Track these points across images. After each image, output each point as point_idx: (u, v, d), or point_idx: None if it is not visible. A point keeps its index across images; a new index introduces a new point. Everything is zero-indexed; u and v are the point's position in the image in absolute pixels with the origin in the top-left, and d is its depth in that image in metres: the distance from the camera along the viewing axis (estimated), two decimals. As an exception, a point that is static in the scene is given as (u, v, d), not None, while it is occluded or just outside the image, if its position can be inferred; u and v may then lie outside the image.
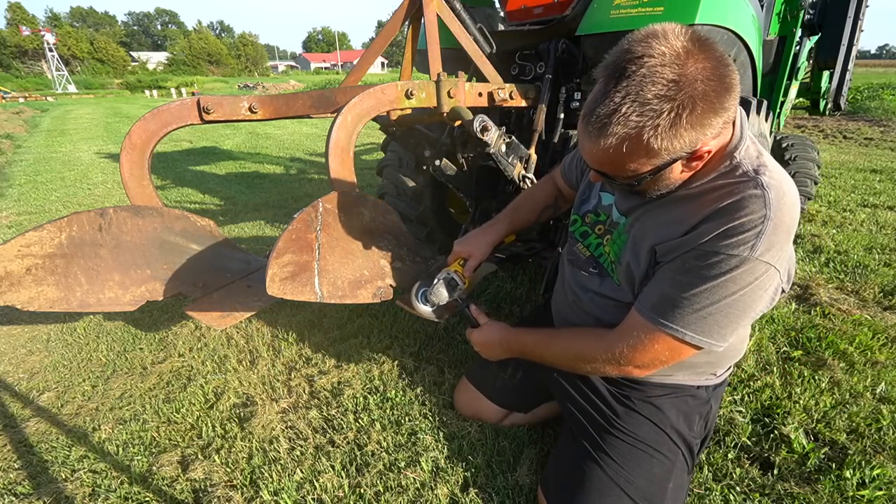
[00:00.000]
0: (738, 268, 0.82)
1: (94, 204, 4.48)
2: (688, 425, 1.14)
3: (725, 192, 0.85)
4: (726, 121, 0.79)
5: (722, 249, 0.82)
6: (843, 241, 3.06)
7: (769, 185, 0.82)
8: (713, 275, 0.83)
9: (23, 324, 2.34)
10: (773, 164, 0.88)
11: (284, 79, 52.14)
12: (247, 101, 1.56)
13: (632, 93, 0.73)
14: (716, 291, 0.84)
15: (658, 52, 0.73)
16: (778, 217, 0.80)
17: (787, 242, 0.84)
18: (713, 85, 0.74)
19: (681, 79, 0.72)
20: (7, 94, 27.01)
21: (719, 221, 0.84)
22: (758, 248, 0.80)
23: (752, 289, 0.83)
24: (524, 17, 2.19)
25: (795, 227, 0.85)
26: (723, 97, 0.75)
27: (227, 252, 1.68)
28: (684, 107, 0.73)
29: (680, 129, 0.75)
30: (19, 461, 1.50)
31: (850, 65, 3.07)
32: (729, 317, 0.85)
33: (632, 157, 0.79)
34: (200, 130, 9.67)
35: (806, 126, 8.42)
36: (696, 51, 0.74)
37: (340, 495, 1.34)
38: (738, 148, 0.87)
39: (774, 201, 0.81)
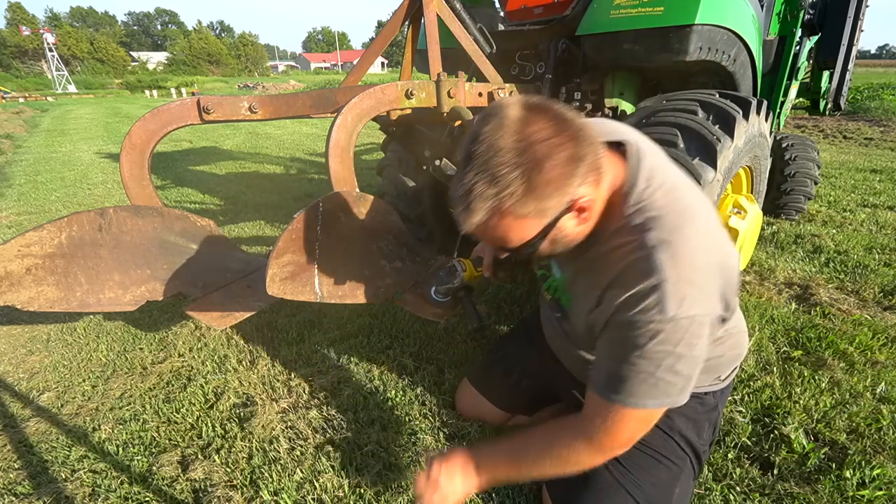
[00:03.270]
0: (660, 332, 0.79)
1: (94, 204, 4.48)
2: (696, 432, 1.14)
3: (620, 255, 0.84)
4: (591, 168, 0.77)
5: (635, 318, 0.80)
6: (843, 241, 3.06)
7: (658, 245, 0.80)
8: (641, 344, 0.81)
9: (23, 324, 2.34)
10: (669, 203, 0.84)
11: (284, 79, 52.13)
12: (247, 101, 1.56)
13: (480, 170, 0.73)
14: (651, 358, 0.81)
15: (495, 126, 0.73)
16: (676, 272, 0.78)
17: (704, 285, 0.81)
18: (556, 140, 0.73)
19: (521, 144, 0.72)
20: (7, 94, 27.01)
21: (620, 290, 0.82)
22: (668, 309, 0.78)
23: (685, 344, 0.80)
24: (524, 17, 2.19)
25: (705, 265, 0.81)
26: (571, 148, 0.74)
27: (227, 252, 1.67)
28: (532, 169, 0.72)
29: (538, 191, 0.73)
30: (19, 461, 1.50)
31: (850, 65, 3.07)
32: (678, 374, 0.83)
33: (507, 229, 0.78)
34: (200, 130, 9.67)
35: (806, 126, 8.42)
36: (531, 115, 0.74)
37: (340, 495, 1.34)
38: (629, 194, 0.85)
39: (663, 261, 0.78)
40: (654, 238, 0.81)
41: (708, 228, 0.85)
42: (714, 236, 0.85)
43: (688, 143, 1.56)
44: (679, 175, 0.92)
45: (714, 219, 0.88)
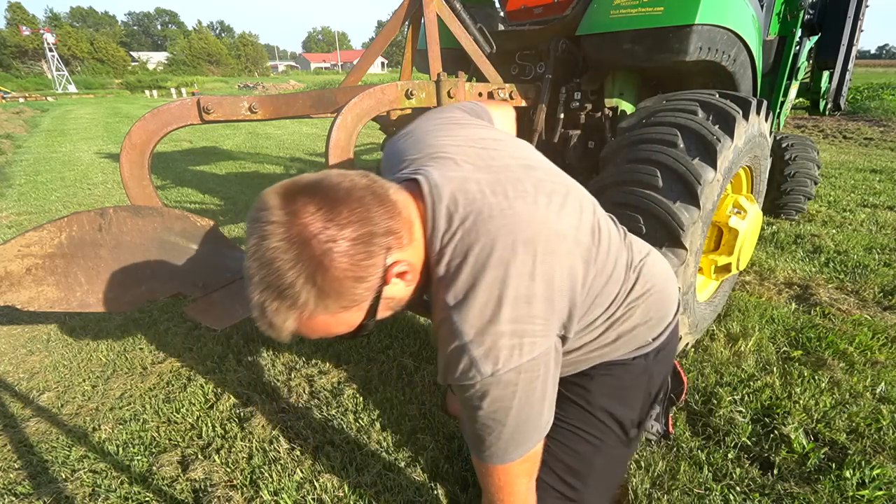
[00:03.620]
0: (488, 392, 0.74)
1: (94, 204, 4.48)
2: (621, 402, 1.08)
3: (434, 313, 0.79)
4: (387, 234, 0.71)
5: (459, 384, 0.75)
6: (843, 241, 3.06)
7: (455, 304, 0.73)
8: (477, 406, 0.76)
9: (23, 324, 2.34)
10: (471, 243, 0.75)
11: (284, 79, 52.14)
12: (247, 101, 1.56)
13: (263, 288, 0.68)
14: (493, 417, 0.77)
15: (260, 236, 0.67)
16: (479, 331, 0.72)
17: (518, 328, 0.72)
18: (331, 230, 0.66)
19: (292, 250, 0.65)
20: (7, 94, 27.02)
21: (439, 355, 0.78)
22: (483, 370, 0.72)
23: (521, 392, 0.75)
24: (524, 17, 2.19)
25: (514, 312, 0.72)
26: (351, 231, 0.67)
27: (227, 252, 1.67)
28: (315, 272, 0.66)
29: (334, 291, 0.68)
30: (19, 461, 1.51)
31: (850, 65, 3.07)
32: (528, 419, 0.79)
33: (326, 328, 0.74)
34: (200, 130, 9.67)
35: (806, 126, 8.42)
36: (293, 210, 0.66)
37: (340, 495, 1.34)
38: (432, 241, 0.78)
39: (465, 321, 0.72)
40: (452, 297, 0.74)
41: (523, 256, 0.73)
42: (532, 260, 0.74)
43: (688, 143, 1.56)
44: (493, 195, 0.78)
45: (541, 231, 0.76)
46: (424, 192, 0.79)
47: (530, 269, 0.73)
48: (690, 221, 1.49)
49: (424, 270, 0.81)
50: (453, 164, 0.84)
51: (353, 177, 0.73)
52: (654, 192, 1.53)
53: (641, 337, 1.03)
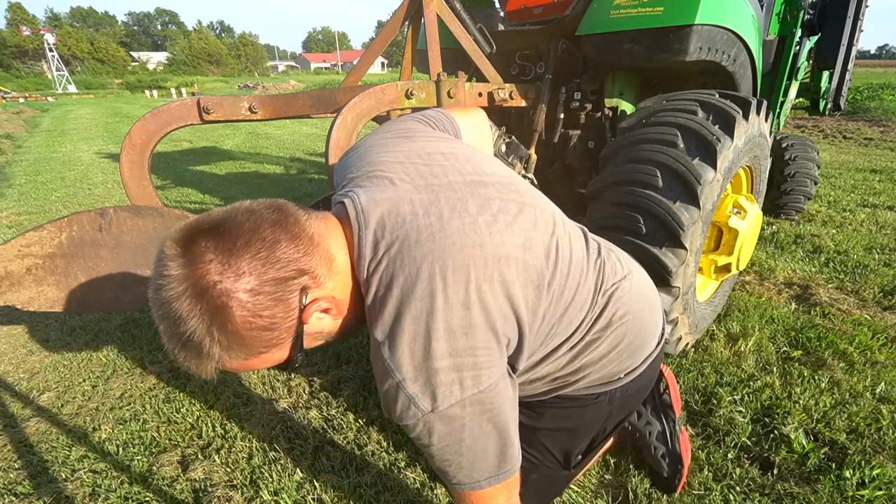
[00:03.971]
0: (434, 428, 0.69)
1: (94, 204, 4.48)
2: (570, 437, 1.04)
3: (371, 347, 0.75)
4: (297, 274, 0.67)
5: (403, 420, 0.71)
6: (842, 241, 3.06)
7: (385, 339, 0.69)
8: (430, 442, 0.72)
9: (23, 324, 2.34)
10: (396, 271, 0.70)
11: (284, 79, 52.14)
12: (247, 101, 1.56)
13: (172, 342, 0.66)
14: (450, 449, 0.72)
15: (156, 288, 0.64)
16: (412, 367, 0.67)
17: (455, 363, 0.68)
18: (229, 278, 0.62)
19: (191, 299, 0.62)
20: (7, 94, 27.02)
21: (379, 390, 0.73)
22: (422, 406, 0.68)
23: (475, 424, 0.71)
24: (524, 17, 2.19)
25: (452, 349, 0.67)
26: (257, 275, 0.64)
27: (227, 252, 1.67)
28: (219, 326, 0.63)
29: (244, 340, 0.65)
30: (19, 461, 1.51)
31: (850, 65, 3.07)
32: (488, 450, 0.74)
33: (253, 367, 0.72)
34: (200, 130, 9.67)
35: (806, 126, 8.42)
36: (193, 256, 0.63)
37: (340, 495, 1.34)
38: (358, 270, 0.74)
39: (396, 357, 0.68)
40: (380, 332, 0.70)
41: (454, 284, 0.68)
42: (465, 288, 0.69)
43: (688, 143, 1.56)
44: (429, 215, 0.73)
45: (476, 255, 0.71)
46: (351, 218, 0.75)
47: (463, 297, 0.68)
48: (690, 221, 1.49)
49: (357, 298, 0.77)
50: (388, 183, 0.79)
51: (260, 213, 0.68)
52: (654, 192, 1.53)
53: (611, 369, 0.95)
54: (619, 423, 1.11)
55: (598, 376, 0.95)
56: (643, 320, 0.96)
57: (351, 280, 0.76)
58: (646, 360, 1.00)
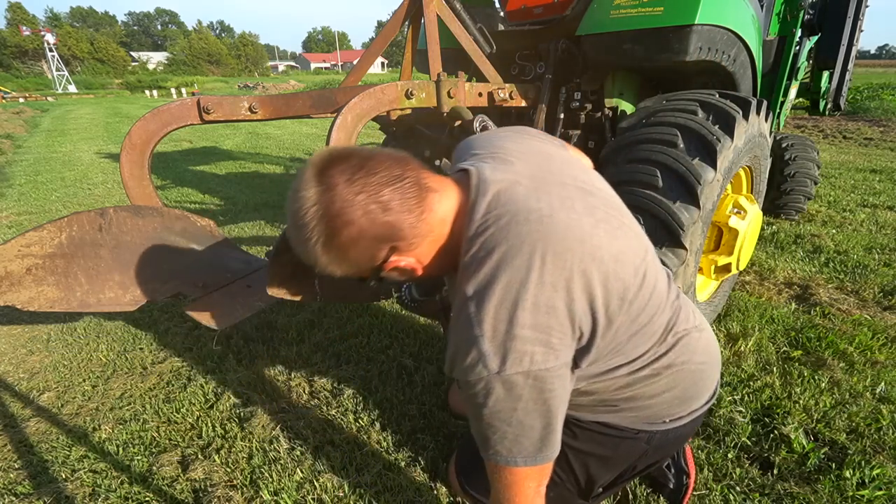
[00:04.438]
0: (493, 390, 0.73)
1: (94, 204, 4.49)
2: (603, 467, 1.05)
3: (455, 300, 0.80)
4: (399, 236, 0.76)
5: (465, 378, 0.75)
6: (843, 241, 3.06)
7: (475, 294, 0.73)
8: (480, 403, 0.75)
9: (23, 324, 2.34)
10: (501, 241, 0.75)
11: (284, 79, 52.13)
12: (247, 101, 1.56)
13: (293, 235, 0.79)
14: (501, 416, 0.75)
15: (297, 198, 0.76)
16: (493, 326, 0.71)
17: (532, 335, 0.71)
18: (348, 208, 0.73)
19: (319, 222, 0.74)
20: (7, 94, 27.03)
21: (451, 343, 0.78)
22: (490, 366, 0.71)
23: (527, 399, 0.74)
24: (524, 17, 2.19)
25: (533, 317, 0.71)
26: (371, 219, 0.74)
27: (227, 252, 1.67)
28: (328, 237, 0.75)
29: (340, 260, 0.78)
30: (19, 461, 1.51)
31: (850, 65, 3.07)
32: (534, 430, 0.77)
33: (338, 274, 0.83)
34: (200, 130, 9.67)
35: (806, 126, 8.42)
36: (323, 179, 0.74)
37: (340, 495, 1.34)
38: (466, 229, 0.79)
39: (482, 313, 0.72)
40: (473, 287, 0.74)
41: (551, 266, 0.73)
42: (560, 274, 0.73)
43: (688, 143, 1.56)
44: (536, 201, 0.79)
45: (576, 248, 0.75)
46: (471, 185, 0.82)
47: (554, 280, 0.72)
48: (690, 221, 1.49)
49: (446, 255, 0.84)
50: (509, 165, 0.86)
51: (389, 162, 0.77)
52: (654, 192, 1.53)
53: (658, 410, 0.97)
54: (647, 468, 1.11)
55: (645, 413, 0.98)
56: (702, 374, 0.99)
57: (445, 239, 0.83)
58: (692, 413, 1.02)
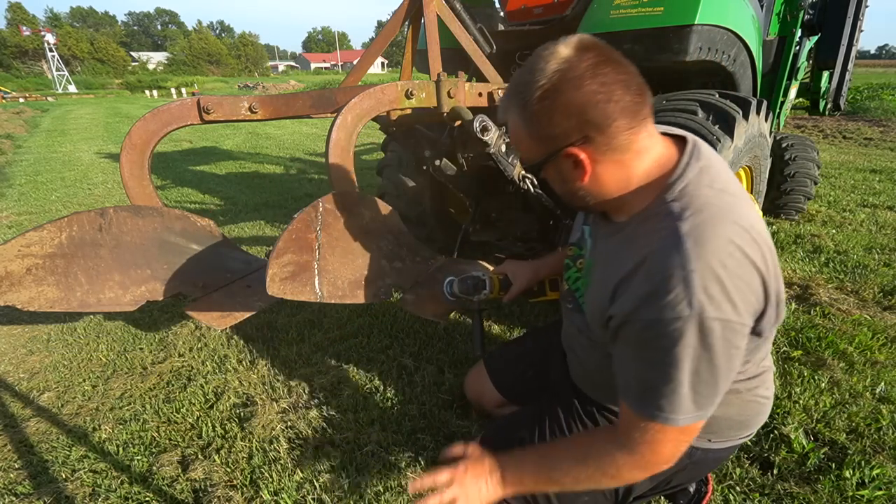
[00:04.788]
0: (687, 333, 0.72)
1: (94, 204, 4.49)
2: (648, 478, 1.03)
3: (646, 237, 0.80)
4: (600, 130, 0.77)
5: (661, 315, 0.74)
6: (842, 241, 3.06)
7: (687, 233, 0.74)
8: (667, 347, 0.74)
9: (23, 324, 2.34)
10: (715, 201, 0.78)
11: (284, 79, 52.13)
12: (247, 101, 1.56)
13: (513, 87, 0.82)
14: (680, 364, 0.74)
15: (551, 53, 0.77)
16: (702, 268, 0.72)
17: (736, 288, 0.73)
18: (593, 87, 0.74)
19: (555, 74, 0.75)
20: (7, 95, 27.02)
21: (643, 280, 0.77)
22: (695, 304, 0.71)
23: (716, 349, 0.74)
24: (524, 17, 2.19)
25: (740, 270, 0.74)
26: (596, 105, 0.75)
27: (227, 252, 1.67)
28: (553, 88, 0.76)
29: (537, 114, 0.78)
30: (19, 461, 1.51)
31: (850, 65, 3.07)
32: (707, 384, 0.77)
33: (519, 138, 0.85)
34: (200, 130, 9.67)
35: (806, 126, 8.42)
36: (577, 51, 0.76)
37: (340, 495, 1.34)
38: (675, 183, 0.81)
39: (691, 251, 0.72)
40: (686, 228, 0.74)
41: (753, 240, 0.76)
42: (759, 253, 0.76)
43: (688, 143, 1.56)
44: (737, 186, 0.85)
45: (764, 238, 0.79)
46: (688, 146, 0.85)
47: (759, 255, 0.76)
48: (690, 221, 1.48)
49: (635, 202, 0.85)
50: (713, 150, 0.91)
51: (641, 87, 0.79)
52: None
53: (710, 426, 0.95)
54: (679, 485, 1.13)
55: (705, 432, 0.99)
56: (762, 408, 1.04)
57: (629, 171, 0.84)
58: (738, 439, 1.06)
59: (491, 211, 2.42)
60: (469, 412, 1.64)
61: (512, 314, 2.29)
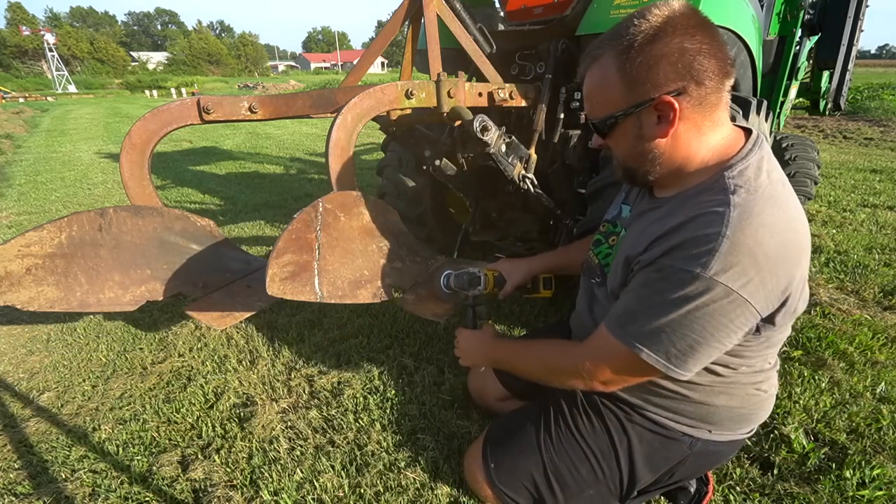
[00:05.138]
0: (690, 284, 0.77)
1: (94, 204, 4.48)
2: (647, 465, 1.08)
3: (695, 205, 0.83)
4: (697, 82, 0.79)
5: (677, 263, 0.79)
6: (843, 241, 3.06)
7: (736, 205, 0.78)
8: (667, 289, 0.80)
9: (23, 324, 2.34)
10: (769, 188, 0.81)
11: (284, 79, 52.12)
12: (247, 101, 1.56)
13: (614, 31, 0.84)
14: (669, 307, 0.80)
15: (663, 3, 0.81)
16: (737, 237, 0.75)
17: (758, 269, 0.76)
18: (690, 42, 0.77)
19: (665, 22, 0.78)
20: (7, 94, 27.02)
21: (679, 234, 0.82)
22: (711, 266, 0.75)
23: (708, 311, 0.78)
24: (524, 17, 2.19)
25: (773, 255, 0.76)
26: (699, 55, 0.78)
27: (227, 252, 1.67)
28: (648, 41, 0.78)
29: (640, 57, 0.79)
30: (19, 461, 1.50)
31: (850, 65, 3.07)
32: (685, 339, 0.81)
33: (601, 86, 0.87)
34: (200, 130, 9.67)
35: (806, 126, 8.42)
36: (694, 15, 0.80)
37: (340, 495, 1.34)
38: (736, 165, 0.84)
39: (735, 220, 0.76)
40: (737, 200, 0.78)
41: (794, 235, 0.80)
42: (795, 246, 0.80)
43: (688, 143, 1.56)
44: (788, 186, 0.87)
45: (803, 236, 0.82)
46: (753, 135, 0.89)
47: (797, 247, 0.80)
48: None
49: (694, 174, 0.88)
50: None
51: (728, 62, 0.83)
52: None
53: (712, 417, 1.03)
54: (680, 480, 1.16)
55: (694, 420, 1.04)
56: (764, 404, 1.06)
57: (699, 153, 0.87)
58: (737, 434, 1.08)
59: (491, 211, 2.42)
60: (470, 412, 1.65)
61: (512, 314, 2.29)
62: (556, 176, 2.22)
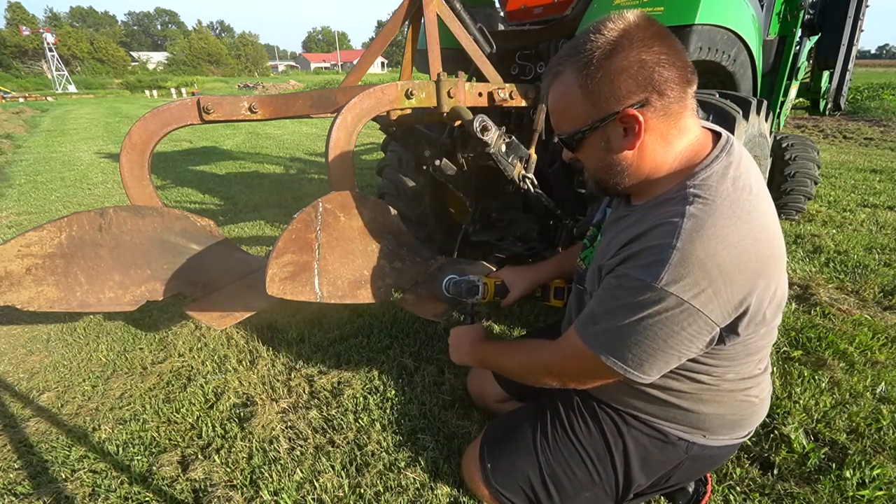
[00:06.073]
0: (643, 294, 0.79)
1: (94, 204, 4.48)
2: (643, 469, 1.08)
3: (657, 215, 0.84)
4: (660, 93, 0.79)
5: (632, 272, 0.81)
6: (843, 241, 3.06)
7: (690, 215, 0.78)
8: (622, 296, 0.83)
9: (23, 324, 2.34)
10: (730, 196, 0.80)
11: (284, 79, 52.13)
12: (247, 101, 1.56)
13: (572, 47, 0.83)
14: (624, 314, 0.82)
15: (618, 16, 0.81)
16: (687, 249, 0.75)
17: (711, 281, 0.75)
18: (655, 50, 0.78)
19: (621, 35, 0.78)
20: (7, 94, 27.02)
21: (637, 244, 0.83)
22: (662, 276, 0.76)
23: (660, 320, 0.79)
24: (524, 17, 2.19)
25: (726, 266, 0.75)
26: (658, 66, 0.78)
27: (227, 252, 1.67)
28: (608, 55, 0.78)
29: (599, 73, 0.79)
30: (19, 461, 1.50)
31: (850, 65, 3.07)
32: (640, 345, 0.83)
33: (565, 102, 0.86)
34: (200, 130, 9.67)
35: (806, 126, 8.42)
36: (650, 25, 0.80)
37: (340, 495, 1.34)
38: (700, 172, 0.84)
39: (687, 232, 0.76)
40: (692, 211, 0.79)
41: (755, 243, 0.78)
42: (755, 256, 0.78)
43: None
44: (761, 188, 0.86)
45: (768, 243, 0.81)
46: (721, 141, 0.88)
47: (753, 263, 0.78)
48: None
49: (660, 182, 0.89)
50: (746, 153, 0.93)
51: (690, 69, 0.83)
52: None
53: (707, 423, 1.03)
54: (678, 485, 1.17)
55: (689, 425, 1.04)
56: (756, 410, 1.06)
57: (667, 162, 0.87)
58: (731, 439, 1.08)
59: (491, 211, 2.42)
60: (470, 412, 1.65)
61: (512, 314, 2.29)
62: (556, 176, 2.22)
